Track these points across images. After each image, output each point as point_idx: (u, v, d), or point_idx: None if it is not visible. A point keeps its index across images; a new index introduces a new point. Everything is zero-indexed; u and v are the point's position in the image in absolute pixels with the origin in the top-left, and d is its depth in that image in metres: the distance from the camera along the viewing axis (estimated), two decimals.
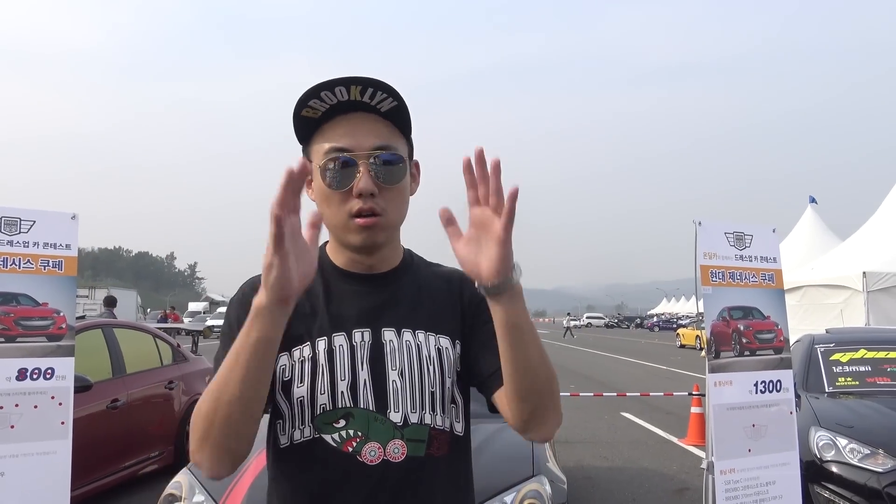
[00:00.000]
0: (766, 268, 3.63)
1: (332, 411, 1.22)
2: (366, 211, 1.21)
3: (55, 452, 3.15)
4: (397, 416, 1.23)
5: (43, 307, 3.26)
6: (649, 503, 5.83)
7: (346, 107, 1.21)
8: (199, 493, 3.08)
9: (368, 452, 1.21)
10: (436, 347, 1.28)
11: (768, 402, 3.43)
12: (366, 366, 1.24)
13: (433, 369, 1.26)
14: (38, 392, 3.14)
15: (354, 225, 1.22)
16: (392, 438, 1.22)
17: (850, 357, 5.47)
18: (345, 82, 1.19)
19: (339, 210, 1.22)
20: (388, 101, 1.22)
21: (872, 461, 4.14)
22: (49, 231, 3.32)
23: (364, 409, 1.22)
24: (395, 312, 1.29)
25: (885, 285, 12.48)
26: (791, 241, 19.30)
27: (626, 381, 14.60)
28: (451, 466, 1.28)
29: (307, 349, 1.25)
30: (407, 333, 1.28)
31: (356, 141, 1.21)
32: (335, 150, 1.21)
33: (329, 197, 1.22)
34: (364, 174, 1.20)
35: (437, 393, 1.26)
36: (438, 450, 1.25)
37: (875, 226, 15.03)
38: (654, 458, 7.60)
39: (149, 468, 6.22)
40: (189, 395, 6.96)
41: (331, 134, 1.22)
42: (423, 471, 1.23)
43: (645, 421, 9.99)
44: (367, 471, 1.20)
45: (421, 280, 1.35)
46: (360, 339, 1.26)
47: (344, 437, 1.21)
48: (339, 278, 1.31)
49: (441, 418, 1.26)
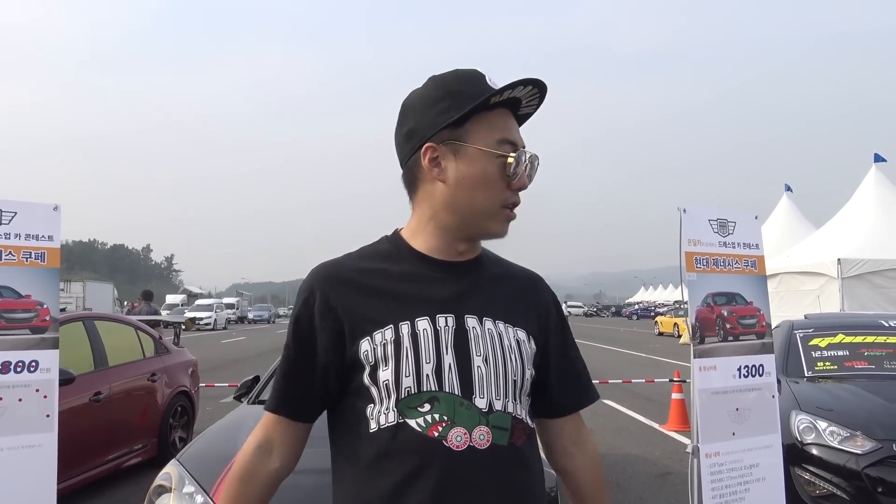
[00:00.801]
0: (749, 254, 3.69)
1: (416, 395, 1.21)
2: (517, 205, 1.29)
3: (40, 445, 3.13)
4: (482, 402, 1.22)
5: (26, 299, 3.22)
6: (633, 488, 5.90)
7: (505, 102, 1.27)
8: (189, 484, 3.07)
9: (454, 438, 1.19)
10: (515, 339, 1.29)
11: (751, 386, 3.49)
12: (450, 350, 1.23)
13: (515, 358, 1.27)
14: (22, 385, 3.11)
15: (504, 215, 1.28)
16: (478, 424, 1.21)
17: (828, 342, 5.57)
18: (532, 83, 1.25)
19: (496, 198, 1.26)
20: (531, 107, 1.31)
21: (852, 443, 4.22)
22: (31, 222, 3.28)
23: (449, 394, 1.21)
24: (477, 300, 1.29)
25: (858, 272, 12.72)
26: (767, 230, 19.52)
27: (606, 369, 14.74)
28: (529, 457, 1.28)
29: (389, 332, 1.23)
30: (488, 322, 1.28)
31: (519, 138, 1.29)
32: (510, 142, 1.26)
33: (492, 183, 1.25)
34: (524, 172, 1.27)
35: (518, 382, 1.27)
36: (518, 439, 1.25)
37: (849, 214, 15.28)
38: (636, 444, 7.69)
39: (133, 461, 6.17)
40: (172, 388, 6.92)
41: (502, 125, 1.27)
42: (505, 460, 1.23)
43: (626, 408, 10.10)
44: (453, 456, 1.19)
45: (497, 272, 1.38)
46: (444, 323, 1.25)
47: (429, 422, 1.20)
48: (420, 264, 1.31)
49: (520, 408, 1.27)
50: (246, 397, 4.48)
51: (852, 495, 4.12)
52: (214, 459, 3.29)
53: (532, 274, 1.44)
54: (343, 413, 1.29)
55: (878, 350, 5.44)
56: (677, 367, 12.04)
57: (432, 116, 1.26)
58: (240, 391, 4.64)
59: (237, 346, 23.62)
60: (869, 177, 15.28)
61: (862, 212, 14.73)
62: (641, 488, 5.91)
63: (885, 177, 15.12)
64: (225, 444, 3.47)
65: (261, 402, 4.22)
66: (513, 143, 1.26)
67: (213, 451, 3.45)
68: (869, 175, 15.30)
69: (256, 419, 4.22)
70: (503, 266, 1.41)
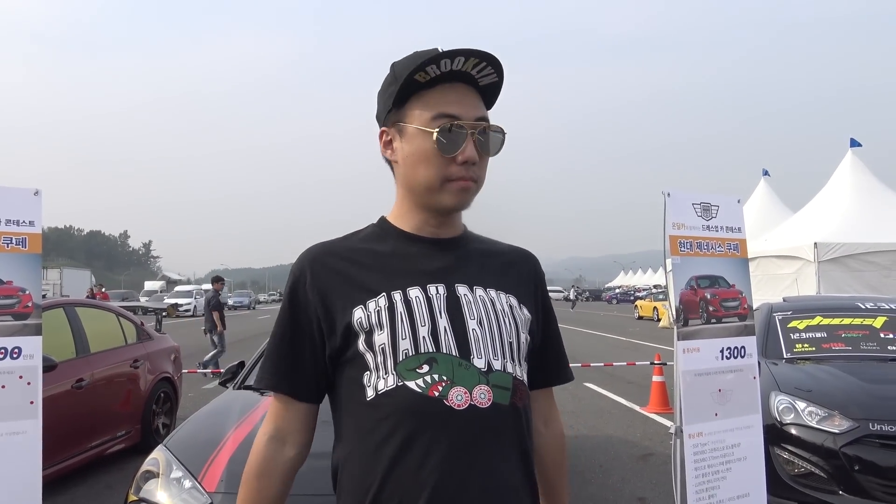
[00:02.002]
0: (732, 237, 3.73)
1: (414, 357, 1.23)
2: (467, 177, 1.28)
3: (25, 432, 3.10)
4: (481, 362, 1.24)
5: (7, 285, 3.19)
6: (616, 470, 5.98)
7: (451, 76, 1.27)
8: (176, 468, 3.06)
9: (455, 397, 1.21)
10: (507, 304, 1.33)
11: (733, 367, 3.54)
12: (444, 314, 1.26)
13: (508, 321, 1.31)
14: (6, 372, 3.08)
15: (451, 187, 1.28)
16: (478, 384, 1.23)
17: (806, 324, 5.65)
18: (465, 53, 1.24)
19: (438, 173, 1.27)
20: (490, 77, 1.29)
21: (829, 423, 4.30)
22: (11, 207, 3.24)
23: (447, 355, 1.23)
24: (466, 271, 1.33)
25: (834, 255, 12.90)
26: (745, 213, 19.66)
27: (587, 353, 14.86)
28: (528, 420, 1.31)
29: (382, 300, 1.26)
30: (479, 290, 1.32)
31: (464, 110, 1.27)
32: (445, 116, 1.26)
33: (431, 159, 1.27)
34: (470, 143, 1.27)
35: (514, 344, 1.30)
36: (521, 400, 1.27)
37: (825, 198, 15.48)
38: (618, 427, 7.78)
39: (116, 447, 6.14)
40: (154, 374, 6.88)
41: (439, 100, 1.27)
42: (508, 419, 1.25)
43: (608, 391, 10.20)
44: (455, 415, 1.20)
45: (484, 248, 1.42)
46: (436, 291, 1.29)
47: (429, 382, 1.21)
48: (407, 242, 1.35)
49: (520, 370, 1.30)
50: (231, 382, 4.47)
51: (830, 473, 4.21)
52: (201, 445, 3.29)
53: (522, 249, 1.49)
54: (341, 385, 1.30)
55: (855, 332, 5.54)
56: (657, 351, 12.18)
57: (383, 101, 1.33)
58: (225, 376, 4.63)
59: None
60: (845, 161, 15.47)
61: (838, 196, 14.93)
62: (623, 469, 5.99)
63: (861, 161, 15.33)
64: (212, 430, 3.47)
65: (247, 387, 4.22)
66: (451, 117, 1.26)
67: (200, 437, 3.45)
68: (845, 160, 15.49)
69: (242, 404, 4.21)
70: (490, 244, 1.45)
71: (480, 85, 1.30)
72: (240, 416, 3.52)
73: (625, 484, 5.56)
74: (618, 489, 5.42)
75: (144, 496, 3.02)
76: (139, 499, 3.02)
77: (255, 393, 4.03)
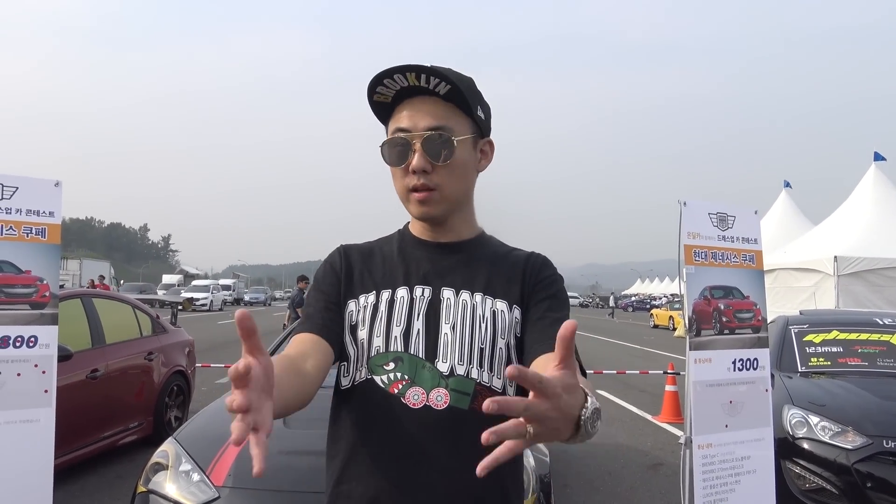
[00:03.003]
0: (747, 248, 3.71)
1: (383, 354, 1.32)
2: (419, 187, 1.34)
3: (38, 420, 3.14)
4: (444, 365, 1.31)
5: (26, 274, 3.23)
6: (625, 478, 5.95)
7: (412, 91, 1.33)
8: (185, 461, 3.09)
9: (412, 396, 1.28)
10: (491, 309, 1.36)
11: (745, 379, 3.52)
12: (421, 317, 1.34)
13: (485, 327, 1.34)
14: (21, 360, 3.12)
15: (412, 198, 1.36)
16: (436, 386, 1.29)
17: (822, 338, 5.60)
18: (402, 70, 1.30)
19: (401, 184, 1.36)
20: (443, 86, 1.31)
21: (843, 438, 4.26)
22: (32, 198, 3.28)
23: (413, 355, 1.31)
24: (457, 276, 1.39)
25: (854, 269, 12.74)
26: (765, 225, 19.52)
27: (601, 360, 14.79)
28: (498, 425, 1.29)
29: (372, 297, 1.38)
30: (465, 294, 1.37)
31: (413, 123, 1.33)
32: (397, 130, 1.34)
33: (393, 172, 1.37)
34: (417, 153, 1.32)
35: (486, 350, 1.32)
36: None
37: (847, 211, 15.29)
38: (629, 435, 7.74)
39: (128, 439, 6.20)
40: (168, 367, 6.94)
41: (397, 116, 1.36)
42: (465, 423, 1.26)
43: (620, 398, 10.15)
44: (409, 413, 1.27)
45: (489, 254, 1.45)
46: (421, 294, 1.37)
47: (391, 379, 1.30)
48: (412, 244, 1.45)
49: (489, 375, 1.32)
50: None
51: (842, 490, 4.16)
52: (211, 439, 3.31)
53: (533, 253, 1.49)
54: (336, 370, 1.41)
55: (872, 347, 5.47)
56: (671, 360, 12.10)
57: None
58: None
59: (233, 328, 23.64)
60: (868, 175, 15.28)
61: (860, 210, 14.75)
62: (633, 478, 5.96)
63: (885, 175, 15.13)
64: (222, 425, 3.49)
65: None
66: (402, 130, 1.33)
67: (210, 431, 3.47)
68: (868, 173, 15.30)
69: None
70: (502, 250, 1.48)
71: (441, 94, 1.33)
72: None
73: (633, 493, 5.53)
74: (626, 498, 5.39)
75: (153, 487, 3.05)
76: (148, 490, 3.06)
77: None
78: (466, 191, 1.42)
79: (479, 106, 1.38)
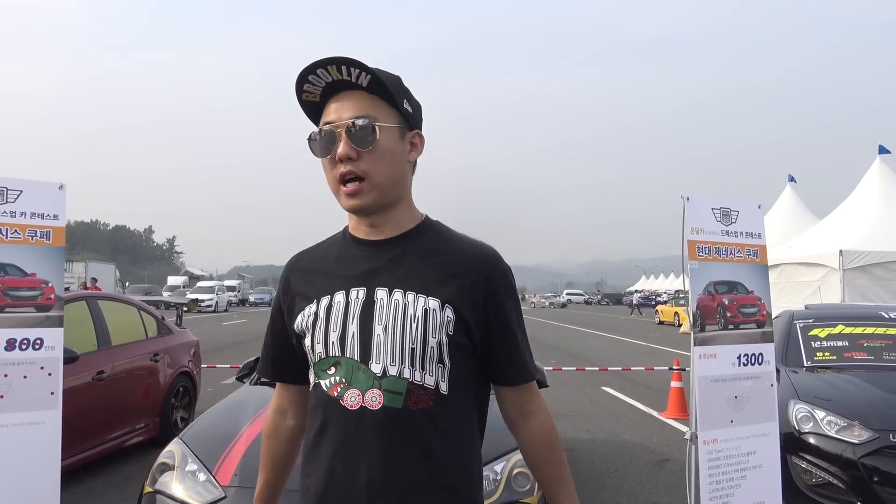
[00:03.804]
0: (751, 243, 3.70)
1: (325, 359, 1.38)
2: (348, 175, 1.35)
3: (45, 422, 3.16)
4: (377, 367, 1.34)
5: (31, 277, 3.25)
6: (631, 475, 5.95)
7: (339, 86, 1.35)
8: (191, 462, 3.10)
9: (349, 398, 1.34)
10: (423, 308, 1.35)
11: (750, 374, 3.51)
12: (356, 320, 1.37)
13: (416, 327, 1.34)
14: (27, 362, 3.14)
15: (343, 191, 1.37)
16: (371, 387, 1.33)
17: (828, 332, 5.58)
18: (323, 63, 1.32)
19: (331, 176, 1.38)
20: (364, 76, 1.33)
21: (849, 433, 4.24)
22: (36, 201, 3.29)
23: (349, 359, 1.36)
24: (392, 274, 1.39)
25: (860, 263, 12.72)
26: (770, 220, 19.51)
27: (606, 357, 14.79)
28: (435, 422, 1.34)
29: (313, 306, 1.42)
30: (397, 293, 1.37)
31: (338, 115, 1.36)
32: (324, 123, 1.37)
33: (323, 165, 1.39)
34: (342, 141, 1.34)
35: (417, 350, 1.34)
36: (417, 404, 1.33)
37: (852, 205, 15.26)
38: (634, 431, 7.73)
39: (135, 440, 6.22)
40: (174, 368, 6.95)
41: (325, 112, 1.38)
42: (399, 421, 1.32)
43: (626, 395, 10.13)
44: (348, 415, 1.34)
45: (430, 247, 1.42)
46: (356, 296, 1.39)
47: (332, 383, 1.36)
48: (349, 243, 1.47)
49: (421, 374, 1.34)
50: (248, 378, 4.52)
51: (848, 484, 4.15)
52: (216, 438, 3.32)
53: (477, 248, 1.44)
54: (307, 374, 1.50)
55: (878, 341, 5.46)
56: (677, 356, 12.09)
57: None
58: (242, 372, 4.68)
59: (238, 329, 23.68)
60: (873, 168, 15.24)
61: (865, 203, 14.71)
62: (639, 474, 5.95)
63: (890, 168, 15.09)
64: (227, 425, 3.51)
65: (263, 383, 4.26)
66: (329, 123, 1.36)
67: (216, 431, 3.48)
68: (873, 167, 15.26)
69: (258, 400, 4.26)
70: (443, 240, 1.44)
71: (365, 86, 1.34)
72: (255, 412, 3.55)
73: (639, 489, 5.52)
74: (632, 494, 5.39)
75: (160, 488, 3.06)
76: (155, 490, 3.07)
77: (271, 389, 4.07)
78: (396, 179, 1.39)
79: (405, 99, 1.39)
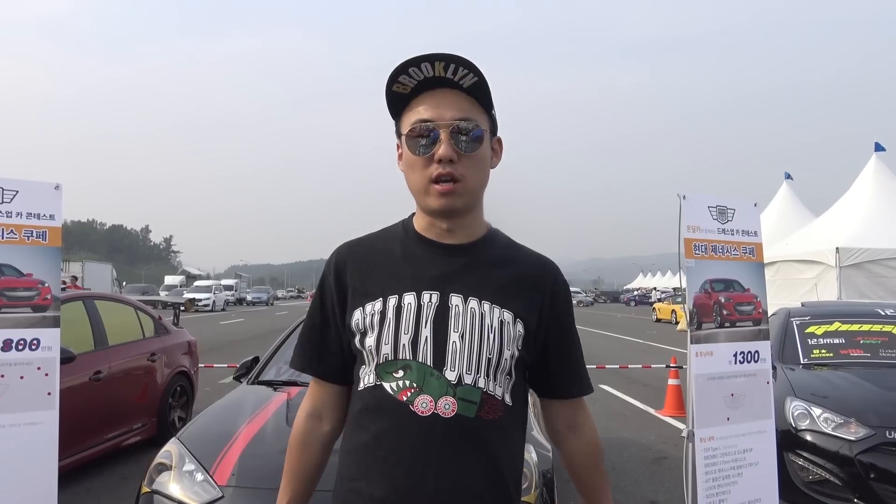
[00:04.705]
0: (747, 241, 3.70)
1: (392, 361, 1.33)
2: (445, 176, 1.32)
3: (42, 423, 3.15)
4: (452, 374, 1.32)
5: (27, 278, 3.24)
6: (629, 472, 5.96)
7: (433, 83, 1.33)
8: (189, 461, 3.10)
9: (420, 404, 1.30)
10: (499, 319, 1.36)
11: (747, 372, 3.52)
12: (430, 324, 1.34)
13: (493, 338, 1.34)
14: (24, 363, 3.13)
15: (434, 190, 1.34)
16: (444, 395, 1.30)
17: (824, 330, 5.60)
18: (430, 58, 1.29)
19: (422, 175, 1.35)
20: (469, 77, 1.31)
21: (845, 430, 4.26)
22: (32, 201, 3.29)
23: (422, 364, 1.32)
24: (466, 281, 1.38)
25: (856, 261, 12.75)
26: (766, 217, 19.56)
27: (603, 354, 14.80)
28: (503, 433, 1.35)
29: (378, 304, 1.37)
30: (473, 301, 1.36)
31: (438, 113, 1.33)
32: (420, 121, 1.33)
33: (413, 163, 1.35)
34: (444, 142, 1.31)
35: (493, 360, 1.33)
36: (489, 414, 1.32)
37: (848, 202, 15.30)
38: (632, 429, 7.74)
39: (132, 440, 6.21)
40: (171, 368, 6.95)
41: (418, 107, 1.34)
42: (471, 431, 1.30)
43: (623, 393, 10.15)
44: (418, 421, 1.30)
45: (499, 256, 1.44)
46: (429, 300, 1.36)
47: (400, 387, 1.32)
48: (418, 243, 1.43)
49: (493, 385, 1.34)
50: (245, 377, 4.51)
51: (845, 481, 4.16)
52: (214, 438, 3.32)
53: (542, 260, 1.49)
54: (353, 373, 1.43)
55: (874, 338, 5.47)
56: (674, 354, 12.10)
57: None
58: (239, 371, 4.67)
59: (236, 328, 23.67)
60: (869, 166, 15.28)
61: (861, 201, 14.75)
62: (636, 472, 5.96)
63: (886, 166, 15.13)
64: (224, 424, 3.50)
65: (260, 382, 4.26)
66: (426, 121, 1.33)
67: (213, 430, 3.48)
68: (869, 164, 15.30)
69: (255, 399, 4.26)
70: (511, 250, 1.47)
71: (465, 87, 1.33)
72: (252, 412, 3.55)
73: (637, 486, 5.54)
74: (630, 492, 5.40)
75: (157, 488, 3.06)
76: (152, 490, 3.07)
77: (269, 388, 4.08)
78: (484, 184, 1.41)
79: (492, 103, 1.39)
